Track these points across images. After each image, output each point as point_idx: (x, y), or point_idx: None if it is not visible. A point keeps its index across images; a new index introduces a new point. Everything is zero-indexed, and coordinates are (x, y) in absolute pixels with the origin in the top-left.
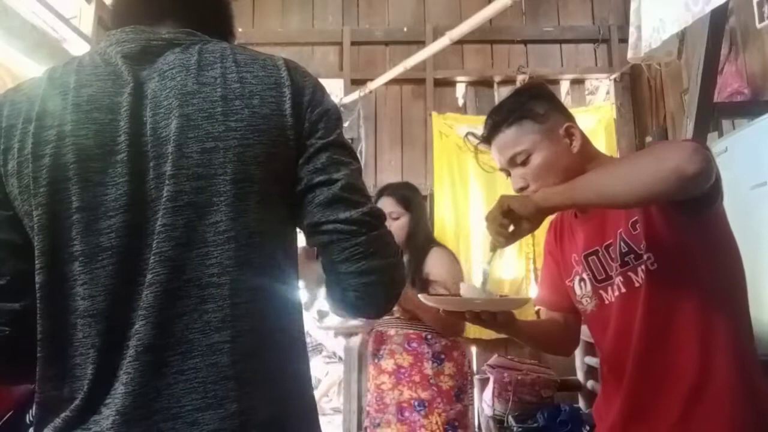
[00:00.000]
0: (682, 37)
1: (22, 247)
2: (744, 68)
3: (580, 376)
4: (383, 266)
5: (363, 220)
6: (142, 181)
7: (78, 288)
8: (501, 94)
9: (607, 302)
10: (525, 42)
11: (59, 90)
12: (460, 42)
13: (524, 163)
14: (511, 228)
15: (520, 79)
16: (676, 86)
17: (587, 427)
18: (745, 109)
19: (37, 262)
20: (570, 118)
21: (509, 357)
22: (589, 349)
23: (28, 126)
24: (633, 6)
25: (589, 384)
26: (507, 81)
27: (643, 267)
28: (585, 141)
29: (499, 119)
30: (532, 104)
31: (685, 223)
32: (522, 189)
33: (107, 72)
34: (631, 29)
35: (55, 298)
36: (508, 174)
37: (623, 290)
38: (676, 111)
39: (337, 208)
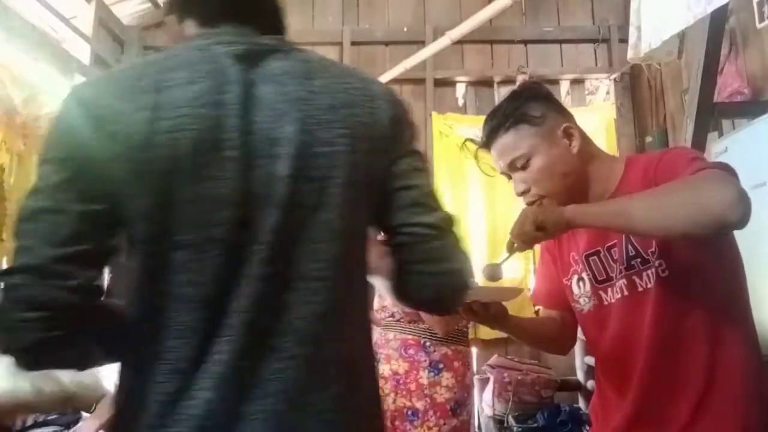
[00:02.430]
0: (682, 37)
1: (110, 223)
2: (744, 68)
3: (580, 376)
4: (458, 269)
5: (442, 224)
6: (251, 177)
7: (182, 275)
8: (501, 94)
9: (606, 303)
10: (525, 42)
11: (169, 84)
12: (460, 42)
13: (524, 167)
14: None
15: (520, 79)
16: (676, 86)
17: (587, 427)
18: (745, 109)
19: (139, 246)
20: (569, 118)
21: (509, 357)
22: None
23: (140, 113)
24: (633, 6)
25: (589, 384)
26: (507, 81)
27: (650, 272)
28: (585, 141)
29: (495, 124)
30: (528, 107)
31: (705, 239)
32: (523, 193)
33: (210, 69)
34: (631, 29)
35: (155, 283)
36: (509, 177)
37: (626, 293)
38: (676, 111)
39: (419, 211)
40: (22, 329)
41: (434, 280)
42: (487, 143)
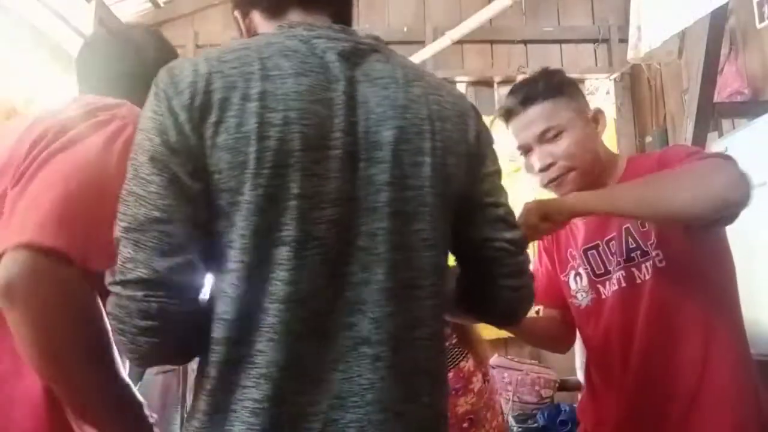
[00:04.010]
0: (682, 37)
1: (202, 226)
2: (744, 68)
3: (580, 376)
4: (531, 285)
5: (521, 241)
6: (351, 178)
7: (281, 272)
8: (501, 94)
9: (603, 297)
10: (525, 42)
11: (276, 73)
12: (460, 42)
13: (553, 140)
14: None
15: (520, 79)
16: (676, 86)
17: None
18: (745, 109)
19: (240, 241)
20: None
21: (509, 357)
22: None
23: (247, 104)
24: (633, 6)
25: None
26: (507, 81)
27: (648, 264)
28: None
29: (533, 91)
30: (566, 84)
31: (702, 230)
32: (549, 166)
33: (316, 64)
34: (632, 29)
35: (253, 280)
36: (527, 152)
37: (623, 285)
38: (676, 111)
39: (503, 228)
40: (137, 336)
41: (513, 294)
42: (515, 110)
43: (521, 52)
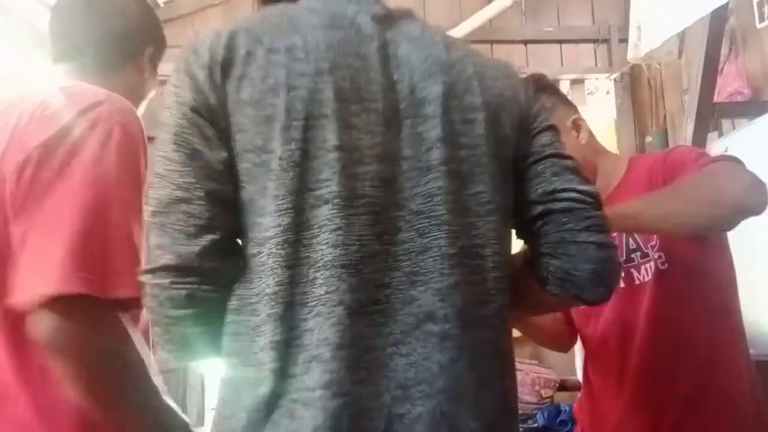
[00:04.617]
0: (682, 37)
1: (228, 202)
2: (744, 68)
3: (580, 376)
4: (616, 246)
5: (596, 195)
6: (396, 136)
7: (326, 234)
8: None
9: None
10: (525, 42)
11: (305, 26)
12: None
13: None
14: None
15: None
16: (676, 86)
17: None
18: (745, 109)
19: (275, 203)
20: (575, 110)
21: None
22: None
23: (273, 56)
24: (633, 6)
25: None
26: None
27: (648, 265)
28: (591, 133)
29: None
30: (539, 98)
31: (705, 233)
32: None
33: (347, 23)
34: (632, 29)
35: (293, 246)
36: None
37: (622, 285)
38: (676, 111)
39: (573, 179)
40: (170, 326)
41: (599, 253)
42: None
43: (521, 52)
